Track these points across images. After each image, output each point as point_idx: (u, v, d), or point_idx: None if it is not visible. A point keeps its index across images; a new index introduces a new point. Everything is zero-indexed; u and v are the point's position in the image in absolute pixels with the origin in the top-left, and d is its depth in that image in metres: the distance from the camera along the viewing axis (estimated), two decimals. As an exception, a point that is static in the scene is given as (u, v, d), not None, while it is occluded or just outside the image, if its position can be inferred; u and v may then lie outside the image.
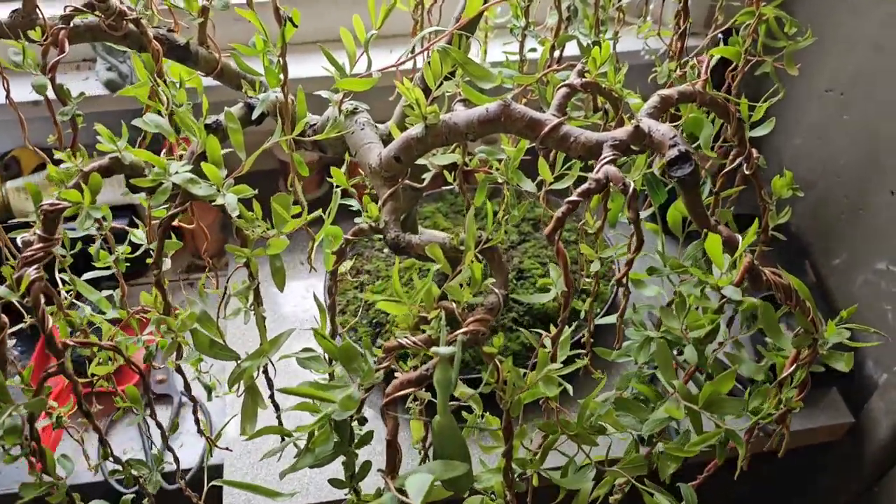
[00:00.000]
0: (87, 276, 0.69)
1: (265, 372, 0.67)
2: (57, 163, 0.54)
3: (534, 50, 0.79)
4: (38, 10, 0.60)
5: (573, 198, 0.49)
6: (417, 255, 0.58)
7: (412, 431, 0.67)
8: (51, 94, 0.60)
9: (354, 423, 0.56)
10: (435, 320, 0.52)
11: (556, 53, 0.82)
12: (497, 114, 0.55)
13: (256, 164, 0.55)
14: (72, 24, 0.60)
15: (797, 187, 0.63)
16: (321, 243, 0.80)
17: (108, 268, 0.69)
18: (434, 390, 0.83)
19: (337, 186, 0.77)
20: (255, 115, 0.63)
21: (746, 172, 0.63)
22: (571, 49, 0.85)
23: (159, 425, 0.63)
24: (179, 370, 0.61)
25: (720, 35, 0.86)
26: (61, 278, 0.68)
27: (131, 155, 0.53)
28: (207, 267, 0.78)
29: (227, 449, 0.73)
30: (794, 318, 0.53)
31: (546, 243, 1.18)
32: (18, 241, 0.53)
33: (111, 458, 0.59)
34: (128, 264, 0.71)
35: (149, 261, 0.59)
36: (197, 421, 0.67)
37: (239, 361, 0.58)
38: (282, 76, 0.59)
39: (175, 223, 0.79)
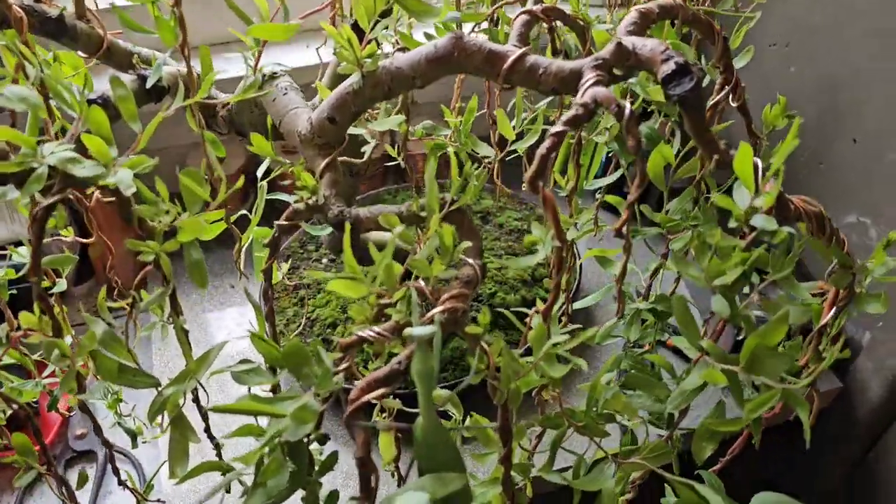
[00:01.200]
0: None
1: (196, 400, 0.55)
2: None
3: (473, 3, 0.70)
4: None
5: (558, 128, 0.39)
6: (367, 230, 0.48)
7: (382, 450, 0.57)
8: None
9: (313, 446, 0.45)
10: (402, 302, 0.41)
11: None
12: (448, 49, 0.46)
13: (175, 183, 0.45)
14: None
15: (794, 114, 0.55)
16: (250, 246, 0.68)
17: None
18: (405, 398, 0.71)
19: (262, 179, 0.67)
20: (149, 83, 0.51)
21: (734, 104, 0.55)
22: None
23: (64, 482, 0.50)
24: (84, 408, 0.49)
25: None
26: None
27: (-13, 134, 0.41)
28: (116, 289, 0.66)
29: (159, 502, 0.61)
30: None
31: (498, 235, 1.09)
32: None
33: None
34: (13, 291, 0.58)
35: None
36: (116, 470, 0.54)
37: (160, 388, 0.47)
38: (179, 32, 0.47)
39: (85, 243, 0.67)
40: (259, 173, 0.67)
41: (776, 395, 0.36)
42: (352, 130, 0.57)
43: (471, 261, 0.44)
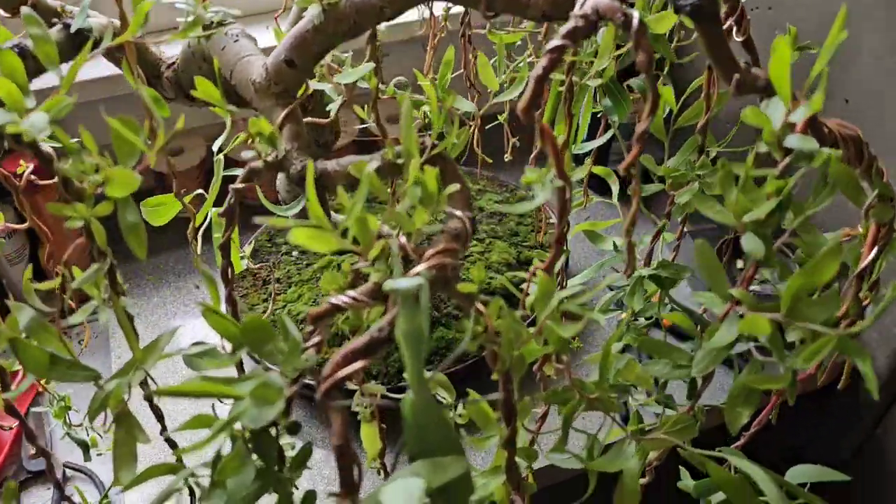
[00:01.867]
0: None
1: (147, 397, 0.48)
2: None
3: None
4: None
5: (555, 43, 0.34)
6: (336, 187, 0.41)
7: (365, 444, 0.50)
8: None
9: (285, 442, 0.39)
10: (380, 261, 0.35)
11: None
12: (421, -29, 0.40)
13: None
14: None
15: (807, 45, 0.50)
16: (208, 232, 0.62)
17: None
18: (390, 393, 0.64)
19: (219, 153, 0.60)
20: (74, 27, 0.44)
21: (738, 38, 0.49)
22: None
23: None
24: (12, 410, 0.42)
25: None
26: None
27: None
28: (57, 275, 0.59)
29: (112, 518, 0.54)
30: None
31: (480, 218, 1.03)
32: None
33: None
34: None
35: None
36: (58, 484, 0.47)
37: (101, 382, 0.40)
38: (107, -32, 0.41)
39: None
40: (215, 147, 0.61)
41: (830, 342, 0.31)
42: (315, 85, 0.51)
43: (458, 213, 0.38)
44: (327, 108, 0.52)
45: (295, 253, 0.96)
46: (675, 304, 0.60)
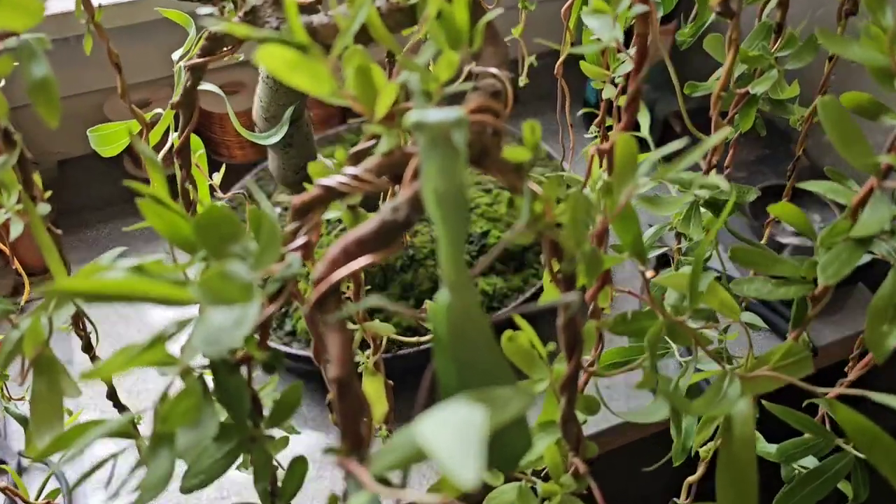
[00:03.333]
0: None
1: (86, 347, 0.38)
2: None
3: None
4: None
5: None
6: (326, 45, 0.31)
7: (372, 401, 0.40)
8: None
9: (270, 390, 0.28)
10: (399, 117, 0.24)
11: None
12: None
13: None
14: None
15: None
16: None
17: None
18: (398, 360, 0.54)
19: (179, 60, 0.50)
20: None
21: None
22: None
23: None
24: None
25: None
26: None
27: None
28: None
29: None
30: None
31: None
32: None
33: None
34: None
35: None
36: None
37: (14, 319, 0.30)
38: None
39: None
40: (175, 55, 0.50)
41: None
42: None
43: (493, 70, 0.28)
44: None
45: (277, 209, 0.85)
46: (735, 235, 0.50)
